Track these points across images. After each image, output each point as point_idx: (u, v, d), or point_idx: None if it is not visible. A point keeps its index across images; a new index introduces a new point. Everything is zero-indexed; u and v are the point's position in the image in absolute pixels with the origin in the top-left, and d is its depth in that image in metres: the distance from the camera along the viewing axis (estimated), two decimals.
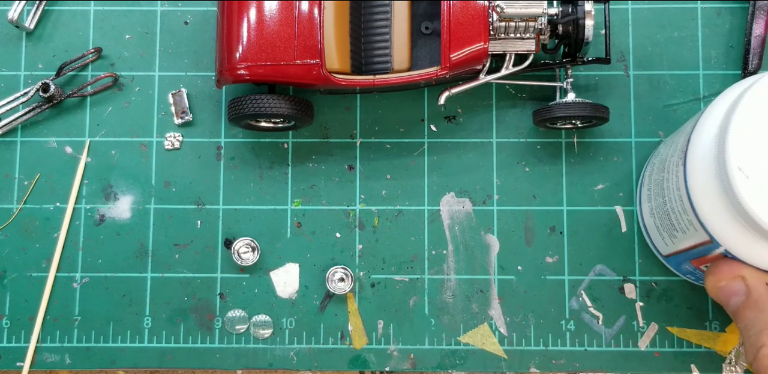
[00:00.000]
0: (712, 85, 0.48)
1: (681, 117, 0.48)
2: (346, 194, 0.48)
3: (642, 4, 0.49)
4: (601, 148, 0.48)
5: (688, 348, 0.46)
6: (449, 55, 0.43)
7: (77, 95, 0.48)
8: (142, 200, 0.48)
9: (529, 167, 0.48)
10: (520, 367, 0.46)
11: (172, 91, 0.49)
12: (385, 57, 0.45)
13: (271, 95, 0.44)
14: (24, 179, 0.48)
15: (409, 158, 0.48)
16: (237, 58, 0.43)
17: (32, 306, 0.47)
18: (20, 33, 0.50)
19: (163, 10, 0.50)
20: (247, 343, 0.47)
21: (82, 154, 0.48)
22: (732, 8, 0.49)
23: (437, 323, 0.47)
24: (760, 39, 0.47)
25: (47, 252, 0.48)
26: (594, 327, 0.46)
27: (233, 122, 0.45)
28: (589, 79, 0.48)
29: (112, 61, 0.49)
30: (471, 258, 0.47)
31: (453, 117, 0.49)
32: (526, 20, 0.43)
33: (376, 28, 0.45)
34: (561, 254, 0.47)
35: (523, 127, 0.48)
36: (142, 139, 0.49)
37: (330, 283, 0.46)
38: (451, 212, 0.48)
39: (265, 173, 0.48)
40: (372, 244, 0.47)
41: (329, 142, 0.49)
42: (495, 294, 0.47)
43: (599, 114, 0.44)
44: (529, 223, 0.47)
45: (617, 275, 0.47)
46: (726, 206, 0.34)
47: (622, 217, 0.47)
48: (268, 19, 0.43)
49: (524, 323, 0.46)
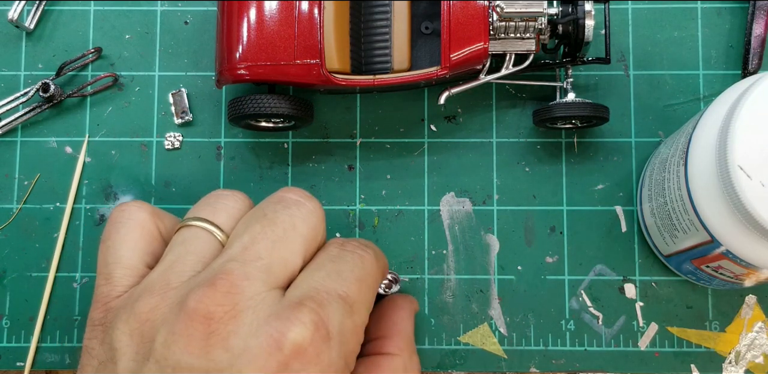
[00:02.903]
0: (712, 85, 0.48)
1: (681, 117, 0.48)
2: (346, 194, 0.48)
3: (642, 4, 0.49)
4: (601, 148, 0.48)
5: (688, 348, 0.46)
6: (449, 55, 0.43)
7: (77, 95, 0.48)
8: (142, 200, 0.48)
9: (529, 167, 0.48)
10: (520, 367, 0.46)
11: (172, 91, 0.49)
12: (385, 57, 0.45)
13: (271, 95, 0.44)
14: (24, 179, 0.48)
15: (409, 158, 0.48)
16: (237, 58, 0.43)
17: (32, 306, 0.47)
18: (20, 33, 0.50)
19: (163, 10, 0.50)
20: None
21: (81, 154, 0.48)
22: (732, 8, 0.49)
23: (437, 323, 0.47)
24: (760, 39, 0.47)
25: (47, 252, 0.48)
26: (594, 327, 0.46)
27: (233, 122, 0.45)
28: (589, 79, 0.48)
29: (112, 61, 0.49)
30: (471, 258, 0.47)
31: (453, 117, 0.49)
32: (526, 20, 0.43)
33: (376, 28, 0.45)
34: (561, 254, 0.47)
35: (523, 127, 0.48)
36: (142, 139, 0.49)
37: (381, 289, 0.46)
38: (451, 212, 0.48)
39: (265, 173, 0.48)
40: None
41: (329, 142, 0.49)
42: (495, 293, 0.47)
43: (599, 114, 0.44)
44: (529, 223, 0.47)
45: (617, 275, 0.47)
46: (727, 206, 0.34)
47: (622, 217, 0.47)
48: (268, 19, 0.43)
49: (524, 323, 0.46)
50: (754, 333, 0.46)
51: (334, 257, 0.35)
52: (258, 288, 0.32)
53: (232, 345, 0.30)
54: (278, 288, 0.33)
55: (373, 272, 0.36)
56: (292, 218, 0.35)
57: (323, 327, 0.31)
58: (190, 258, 0.35)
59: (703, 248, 0.38)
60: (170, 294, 0.33)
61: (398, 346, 0.39)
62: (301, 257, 0.35)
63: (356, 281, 0.34)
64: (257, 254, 0.33)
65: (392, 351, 0.39)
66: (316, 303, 0.32)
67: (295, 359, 0.30)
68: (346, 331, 0.33)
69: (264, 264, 0.33)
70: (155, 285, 0.34)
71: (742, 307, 0.46)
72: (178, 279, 0.34)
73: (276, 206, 0.36)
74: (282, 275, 0.34)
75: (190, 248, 0.35)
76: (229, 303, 0.31)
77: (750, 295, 0.46)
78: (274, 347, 0.30)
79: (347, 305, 0.33)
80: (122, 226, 0.37)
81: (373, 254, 0.36)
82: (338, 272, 0.34)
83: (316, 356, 0.31)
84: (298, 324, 0.31)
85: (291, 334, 0.30)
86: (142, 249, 0.37)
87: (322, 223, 0.36)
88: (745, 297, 0.46)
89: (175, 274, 0.34)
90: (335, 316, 0.32)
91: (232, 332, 0.31)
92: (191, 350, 0.30)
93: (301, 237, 0.35)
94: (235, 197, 0.38)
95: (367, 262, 0.36)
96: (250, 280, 0.32)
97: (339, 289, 0.33)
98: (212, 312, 0.31)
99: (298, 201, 0.36)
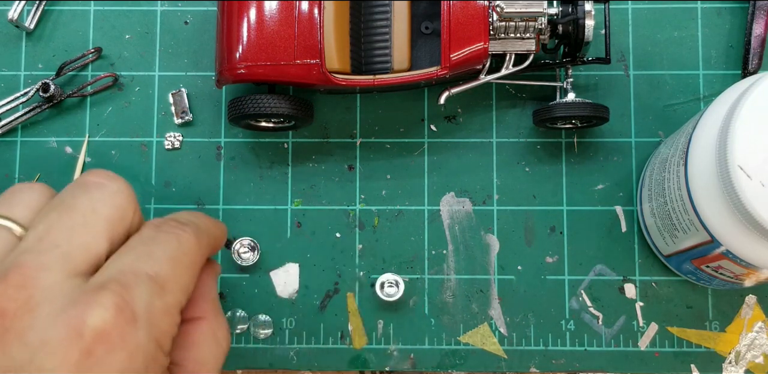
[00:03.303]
0: (712, 85, 0.48)
1: (681, 117, 0.48)
2: (346, 194, 0.48)
3: (642, 4, 0.49)
4: (601, 148, 0.48)
5: (688, 348, 0.46)
6: (449, 55, 0.43)
7: (77, 95, 0.48)
8: (142, 200, 0.48)
9: (529, 167, 0.48)
10: (520, 367, 0.46)
11: (172, 91, 0.49)
12: (385, 57, 0.45)
13: (271, 95, 0.44)
14: (24, 179, 0.48)
15: (409, 158, 0.48)
16: (237, 58, 0.43)
17: None
18: (20, 33, 0.50)
19: (163, 10, 0.50)
20: (247, 343, 0.47)
21: (81, 154, 0.48)
22: (732, 8, 0.49)
23: (437, 323, 0.47)
24: (760, 39, 0.47)
25: None
26: (594, 327, 0.46)
27: (233, 122, 0.45)
28: (589, 79, 0.48)
29: (112, 61, 0.49)
30: (471, 258, 0.47)
31: (453, 117, 0.49)
32: (526, 20, 0.43)
33: (376, 28, 0.45)
34: (561, 254, 0.47)
35: (523, 127, 0.48)
36: (142, 139, 0.49)
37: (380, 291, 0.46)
38: (451, 212, 0.48)
39: (265, 173, 0.48)
40: (372, 244, 0.47)
41: (329, 142, 0.49)
42: (495, 293, 0.47)
43: (599, 114, 0.44)
44: (529, 223, 0.47)
45: (617, 275, 0.47)
46: (727, 206, 0.34)
47: (622, 217, 0.47)
48: (268, 19, 0.43)
49: (524, 323, 0.46)
50: (754, 333, 0.46)
51: (147, 239, 0.33)
52: (55, 278, 0.30)
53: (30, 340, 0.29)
54: (80, 276, 0.31)
55: (190, 251, 0.34)
56: (92, 201, 0.33)
57: (128, 308, 0.29)
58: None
59: (703, 248, 0.38)
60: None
61: (202, 308, 0.36)
62: (106, 241, 0.32)
63: (168, 260, 0.32)
64: (53, 242, 0.31)
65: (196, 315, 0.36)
66: (119, 284, 0.30)
67: (98, 344, 0.29)
68: (156, 311, 0.31)
69: (61, 252, 0.31)
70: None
71: (742, 307, 0.46)
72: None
73: (75, 191, 0.34)
74: (83, 262, 0.31)
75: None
76: (23, 296, 0.29)
77: (750, 295, 0.46)
78: (74, 335, 0.28)
79: (156, 285, 0.31)
80: None
81: (192, 232, 0.34)
82: (149, 253, 0.32)
83: (121, 340, 0.29)
84: (98, 307, 0.29)
85: (90, 319, 0.29)
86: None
87: (131, 203, 0.34)
88: (745, 297, 0.46)
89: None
90: (141, 297, 0.30)
91: (28, 326, 0.29)
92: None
93: (105, 220, 0.33)
94: (33, 188, 0.36)
95: (184, 240, 0.33)
96: (46, 270, 0.30)
97: (148, 269, 0.31)
98: (5, 309, 0.29)
99: (99, 183, 0.34)
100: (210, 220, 0.37)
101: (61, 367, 0.28)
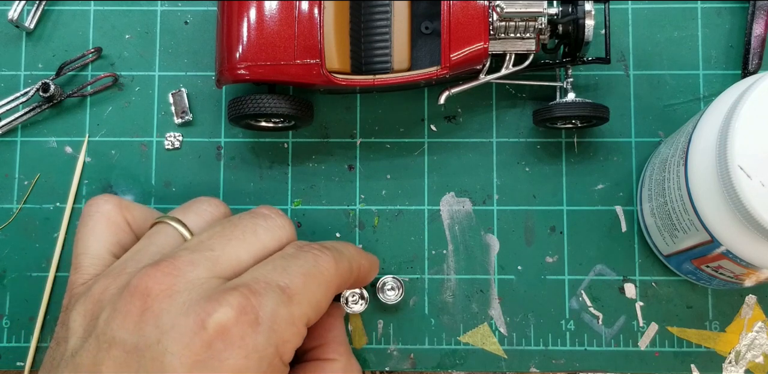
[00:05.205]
0: (712, 86, 0.48)
1: (681, 117, 0.48)
2: (346, 194, 0.48)
3: (642, 4, 0.49)
4: (601, 148, 0.48)
5: (688, 348, 0.46)
6: (449, 55, 0.43)
7: (77, 95, 0.48)
8: (142, 200, 0.48)
9: (529, 167, 0.48)
10: (520, 367, 0.46)
11: (172, 91, 0.49)
12: (385, 57, 0.45)
13: (271, 95, 0.44)
14: (24, 179, 0.48)
15: (409, 158, 0.48)
16: (237, 58, 0.43)
17: (32, 306, 0.47)
18: (20, 33, 0.50)
19: (163, 10, 0.50)
20: None
21: (81, 153, 0.48)
22: (732, 8, 0.49)
23: (437, 323, 0.47)
24: (760, 39, 0.47)
25: (47, 252, 0.48)
26: (594, 326, 0.46)
27: (233, 122, 0.45)
28: (589, 79, 0.48)
29: (112, 61, 0.49)
30: (471, 258, 0.47)
31: (453, 117, 0.49)
32: (526, 20, 0.43)
33: (376, 28, 0.45)
34: (561, 254, 0.47)
35: (523, 127, 0.48)
36: (142, 139, 0.49)
37: (380, 293, 0.46)
38: (451, 212, 0.48)
39: (265, 173, 0.48)
40: (372, 244, 0.47)
41: (329, 142, 0.49)
42: (495, 293, 0.47)
43: (599, 114, 0.44)
44: (529, 223, 0.47)
45: (617, 275, 0.47)
46: (727, 206, 0.34)
47: (622, 217, 0.47)
48: (268, 19, 0.43)
49: (524, 323, 0.46)
50: (754, 332, 0.46)
51: (287, 255, 0.36)
52: (200, 274, 0.33)
53: (163, 322, 0.32)
54: (222, 278, 0.34)
55: (327, 272, 0.36)
56: (255, 225, 0.37)
57: (252, 311, 0.32)
58: (151, 249, 0.36)
59: (703, 248, 0.38)
60: (122, 277, 0.34)
61: (337, 351, 0.40)
62: (253, 259, 0.36)
63: (302, 275, 0.35)
64: (209, 246, 0.35)
65: (332, 357, 0.40)
66: (249, 289, 0.33)
67: (218, 339, 0.31)
68: (280, 320, 0.33)
69: (212, 255, 0.34)
70: (113, 271, 0.35)
71: (742, 307, 0.46)
72: (134, 266, 0.35)
73: (245, 215, 0.38)
74: (228, 267, 0.35)
75: (154, 241, 0.37)
76: (168, 282, 0.32)
77: (750, 295, 0.46)
78: (200, 326, 0.31)
79: (285, 295, 0.33)
80: (90, 219, 0.39)
81: (332, 255, 0.37)
82: (285, 267, 0.35)
83: (240, 338, 0.32)
84: (225, 305, 0.32)
85: (216, 314, 0.31)
86: (108, 240, 0.38)
87: (290, 240, 0.38)
88: (745, 297, 0.46)
89: (133, 261, 0.35)
90: (268, 303, 0.33)
91: (165, 310, 0.32)
92: (126, 325, 0.32)
93: (261, 244, 0.36)
94: (210, 202, 0.40)
95: (321, 260, 0.36)
96: (193, 265, 0.33)
97: (280, 280, 0.34)
98: (149, 288, 0.32)
99: (268, 215, 0.37)
100: (358, 250, 0.40)
101: (182, 353, 0.31)
